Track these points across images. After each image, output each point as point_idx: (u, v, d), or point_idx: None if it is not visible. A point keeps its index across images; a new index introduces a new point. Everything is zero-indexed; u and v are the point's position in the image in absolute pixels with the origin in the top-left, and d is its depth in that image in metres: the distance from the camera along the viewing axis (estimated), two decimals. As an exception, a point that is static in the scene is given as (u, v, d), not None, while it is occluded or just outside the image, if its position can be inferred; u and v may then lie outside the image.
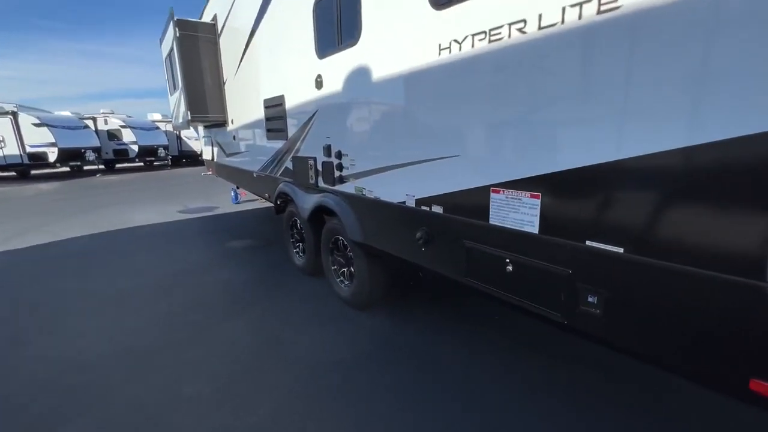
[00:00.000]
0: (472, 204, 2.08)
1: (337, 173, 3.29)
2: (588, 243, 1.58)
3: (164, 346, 3.09)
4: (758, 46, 1.09)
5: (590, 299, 1.62)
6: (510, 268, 1.93)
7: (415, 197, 2.46)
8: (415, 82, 2.32)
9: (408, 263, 2.71)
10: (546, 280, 1.78)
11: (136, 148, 20.68)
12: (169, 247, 5.97)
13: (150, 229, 7.22)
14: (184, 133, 23.86)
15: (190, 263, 5.11)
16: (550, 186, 1.69)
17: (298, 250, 4.74)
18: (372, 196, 2.88)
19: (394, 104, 2.54)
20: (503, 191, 1.89)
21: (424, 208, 2.40)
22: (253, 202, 9.45)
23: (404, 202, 2.56)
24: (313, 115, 3.54)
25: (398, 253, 2.77)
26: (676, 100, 1.27)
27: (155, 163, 22.77)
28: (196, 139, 22.77)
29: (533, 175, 1.74)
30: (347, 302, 3.65)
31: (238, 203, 9.58)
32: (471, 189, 2.06)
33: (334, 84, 3.14)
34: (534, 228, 1.79)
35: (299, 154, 3.93)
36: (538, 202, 1.75)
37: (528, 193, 1.78)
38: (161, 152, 21.76)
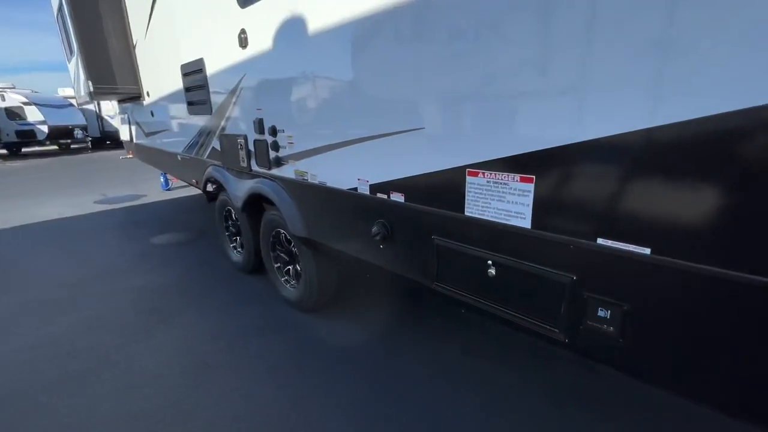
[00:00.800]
0: (442, 190, 1.62)
1: (272, 154, 2.68)
2: (600, 241, 1.19)
3: (46, 389, 2.39)
4: None
5: (601, 314, 1.24)
6: (493, 272, 1.51)
7: (370, 182, 1.96)
8: (365, 32, 1.77)
9: (363, 263, 2.23)
10: (541, 289, 1.38)
11: (45, 128, 17.87)
12: (76, 246, 4.99)
13: (56, 225, 6.06)
14: (105, 111, 21.08)
15: (99, 267, 4.25)
16: (549, 165, 1.26)
17: (235, 244, 4.07)
18: (316, 182, 2.33)
19: (339, 64, 1.98)
20: (483, 174, 1.45)
21: (380, 196, 1.91)
22: (188, 188, 8.39)
23: (356, 189, 2.05)
24: (240, 82, 2.86)
25: (350, 252, 2.27)
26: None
27: (72, 146, 19.96)
28: (120, 118, 20.22)
29: (525, 151, 1.31)
30: (294, 305, 3.13)
31: (169, 189, 8.47)
32: (440, 171, 1.60)
33: (261, 41, 2.49)
34: (525, 221, 1.37)
35: (227, 132, 3.24)
36: (532, 187, 1.32)
37: (517, 176, 1.35)
38: (78, 133, 19.03)
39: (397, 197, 1.82)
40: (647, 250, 1.10)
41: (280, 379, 2.36)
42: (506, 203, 1.41)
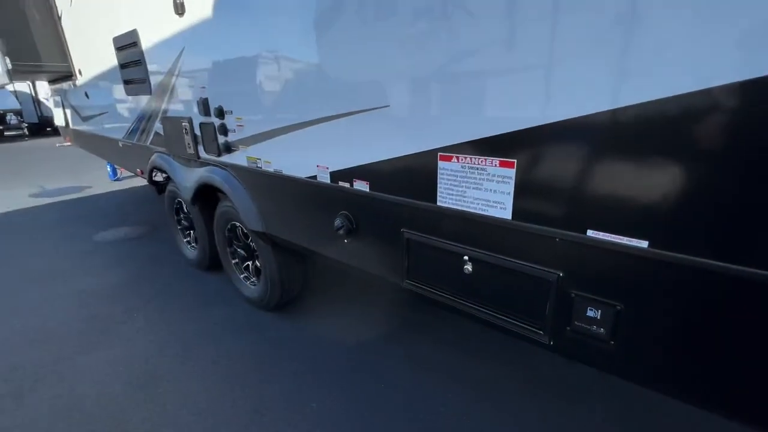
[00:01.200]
0: (411, 177, 1.43)
1: (221, 138, 2.38)
2: (591, 234, 1.04)
3: (-35, 413, 2.04)
4: None
5: (590, 314, 1.11)
6: (469, 268, 1.35)
7: (330, 170, 1.73)
8: (317, -8, 1.52)
9: (327, 260, 2.02)
10: (524, 287, 1.23)
11: (-31, 114, 16.00)
12: (7, 247, 4.43)
13: (-18, 222, 5.38)
14: (44, 94, 19.15)
15: (36, 270, 3.78)
16: (534, 147, 1.09)
17: (189, 239, 3.73)
18: (270, 170, 2.07)
19: (292, 34, 1.71)
20: (457, 158, 1.27)
21: (343, 184, 1.69)
22: (143, 178, 7.74)
23: (315, 177, 1.82)
24: (179, 56, 2.50)
25: (312, 247, 2.05)
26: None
27: (6, 134, 18.06)
28: (61, 102, 18.44)
29: (506, 131, 1.13)
30: (256, 304, 2.88)
31: (117, 180, 7.79)
32: (409, 156, 1.40)
33: (201, 6, 2.15)
34: (505, 212, 1.20)
35: (170, 114, 2.87)
36: (513, 173, 1.15)
37: (497, 160, 1.18)
38: (11, 119, 17.20)
39: (362, 186, 1.61)
40: (645, 244, 0.96)
41: (238, 389, 2.14)
42: (484, 191, 1.23)
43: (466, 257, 1.34)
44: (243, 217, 2.37)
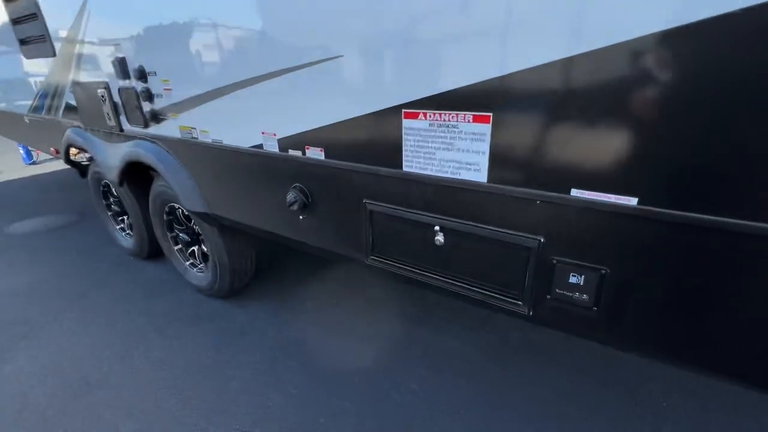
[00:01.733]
0: (372, 141, 1.25)
1: (146, 106, 2.03)
2: (575, 193, 0.94)
3: None
4: None
5: (573, 280, 1.03)
6: (440, 239, 1.22)
7: (278, 137, 1.50)
8: None
9: (281, 239, 1.81)
10: (501, 256, 1.13)
11: None
12: None
13: None
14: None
15: (-70, 271, 3.19)
16: (512, 98, 0.95)
17: (122, 225, 3.31)
18: (208, 140, 1.79)
19: (216, -31, 1.41)
20: (425, 114, 1.10)
21: (293, 153, 1.48)
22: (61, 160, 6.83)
23: (261, 146, 1.58)
24: (84, 5, 2.07)
25: (263, 227, 1.83)
26: None
27: None
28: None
29: (480, 80, 0.98)
30: (205, 292, 2.62)
31: (34, 163, 6.83)
32: (368, 116, 1.21)
33: (103, -60, 1.75)
34: (480, 174, 1.07)
35: (81, 80, 2.42)
36: (488, 129, 1.01)
37: (470, 115, 1.03)
38: None
39: (315, 153, 1.41)
40: (634, 201, 0.87)
41: (189, 389, 1.92)
42: (455, 152, 1.09)
43: (436, 228, 1.21)
44: (181, 197, 2.08)
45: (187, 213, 2.36)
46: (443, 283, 1.30)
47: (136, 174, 2.48)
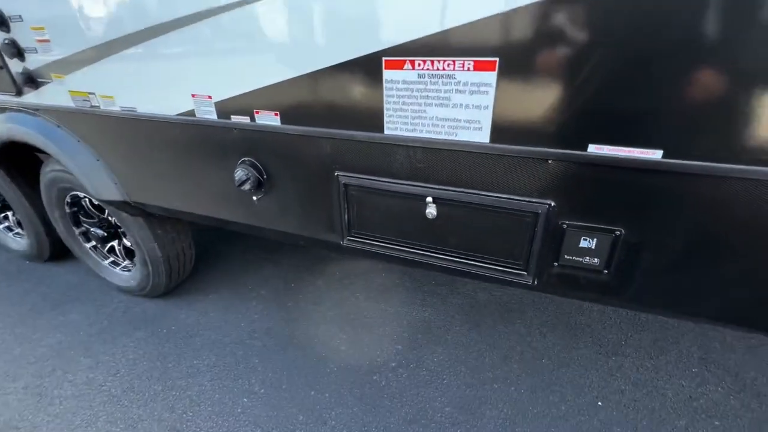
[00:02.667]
0: (344, 99, 1.02)
1: (15, 65, 1.52)
2: (593, 149, 0.84)
3: None
4: None
5: (584, 244, 0.95)
6: (433, 212, 1.07)
7: (215, 99, 1.20)
8: None
9: (231, 225, 1.53)
10: (503, 225, 1.02)
11: None
12: None
13: None
14: None
15: None
16: (523, 38, 0.79)
17: (9, 224, 2.66)
18: (115, 108, 1.40)
19: None
20: (413, 63, 0.90)
21: (238, 119, 1.19)
22: None
23: (192, 113, 1.25)
24: None
25: (204, 213, 1.52)
26: None
27: None
28: None
29: (485, 15, 0.80)
30: (135, 293, 2.22)
31: None
32: (338, 67, 0.98)
33: None
34: (482, 133, 0.92)
35: None
36: (494, 78, 0.85)
37: (470, 61, 0.85)
38: None
39: (268, 119, 1.14)
40: (659, 154, 0.79)
41: (136, 407, 1.62)
42: (452, 108, 0.92)
43: (428, 199, 1.05)
44: (86, 183, 1.65)
45: (97, 203, 1.91)
46: (435, 259, 1.16)
47: (16, 158, 1.93)
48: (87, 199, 2.00)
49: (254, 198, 1.33)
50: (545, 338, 1.91)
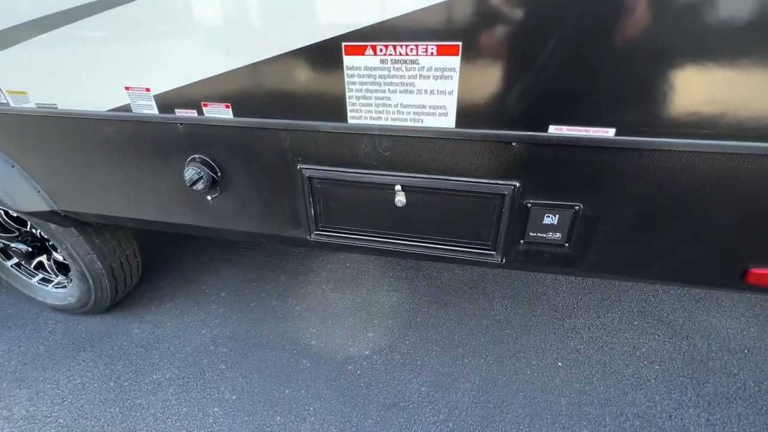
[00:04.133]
0: (303, 88, 0.97)
1: None
2: (553, 130, 0.87)
3: None
4: None
5: (548, 221, 1.01)
6: (402, 200, 1.06)
7: (155, 91, 1.08)
8: None
9: (183, 228, 1.41)
10: (471, 208, 1.04)
11: None
12: None
13: None
14: None
15: None
16: (486, 21, 0.80)
17: None
18: (30, 105, 1.21)
19: None
20: (374, 48, 0.87)
21: (184, 113, 1.09)
22: None
23: (128, 108, 1.12)
24: None
25: (152, 218, 1.39)
26: None
27: None
28: None
29: (448, -2, 0.79)
30: (74, 311, 2.00)
31: None
32: (294, 53, 0.92)
33: None
34: (448, 119, 0.92)
35: None
36: (457, 62, 0.85)
37: (434, 46, 0.84)
38: None
39: (219, 112, 1.06)
40: (611, 132, 0.84)
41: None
42: (417, 94, 0.91)
43: (397, 187, 1.05)
44: (2, 194, 1.43)
45: (16, 215, 1.68)
46: (407, 247, 1.17)
47: None
48: (2, 211, 1.74)
49: (208, 198, 1.23)
50: (507, 309, 2.02)
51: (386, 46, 0.86)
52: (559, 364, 1.74)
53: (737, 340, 1.82)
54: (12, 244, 1.85)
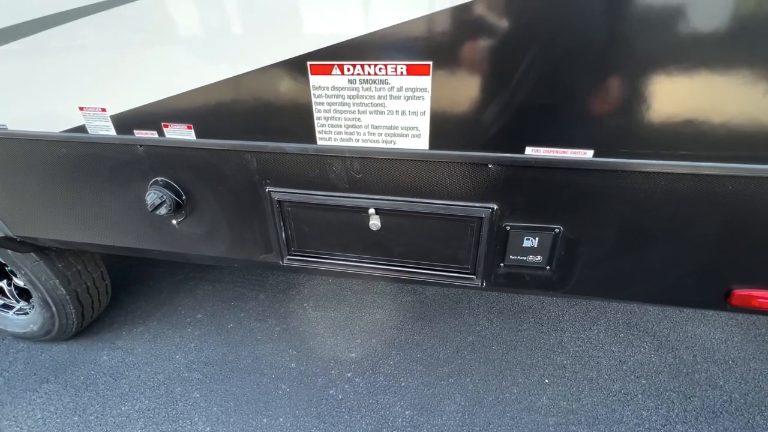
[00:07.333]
0: (268, 108, 0.92)
1: None
2: (530, 152, 0.84)
3: None
4: None
5: (527, 243, 0.97)
6: (377, 223, 1.01)
7: (111, 112, 1.01)
8: None
9: (149, 253, 1.33)
10: (448, 232, 0.99)
11: None
12: None
13: None
14: None
15: None
16: (457, 39, 0.76)
17: None
18: (-23, 127, 1.13)
19: None
20: (341, 67, 0.83)
21: (143, 134, 1.02)
22: None
23: (83, 129, 1.05)
24: None
25: (113, 243, 1.31)
26: None
27: None
28: None
29: (416, 16, 0.74)
30: (36, 338, 1.88)
31: None
32: (258, 72, 0.86)
33: None
34: (421, 140, 0.88)
35: None
36: (429, 81, 0.81)
37: (403, 65, 0.80)
38: None
39: (181, 133, 0.99)
40: (590, 153, 0.81)
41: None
42: (388, 115, 0.86)
43: (371, 210, 1.00)
44: (-51, 219, 1.33)
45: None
46: (383, 271, 1.11)
47: None
48: (-45, 236, 1.63)
49: (174, 222, 1.16)
50: (492, 325, 1.98)
51: (354, 66, 0.82)
52: (546, 381, 1.70)
53: (721, 350, 1.81)
54: (-33, 270, 1.74)
